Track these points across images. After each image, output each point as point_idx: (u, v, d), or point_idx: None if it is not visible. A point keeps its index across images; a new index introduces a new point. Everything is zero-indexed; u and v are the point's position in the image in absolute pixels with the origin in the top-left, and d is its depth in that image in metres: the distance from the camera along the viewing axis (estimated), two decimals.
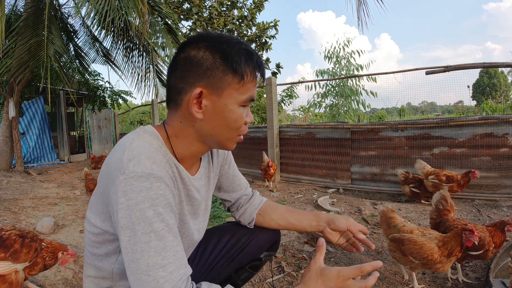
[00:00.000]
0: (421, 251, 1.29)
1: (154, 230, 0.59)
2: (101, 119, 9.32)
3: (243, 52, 0.68)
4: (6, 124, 4.95)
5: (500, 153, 2.80)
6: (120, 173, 0.60)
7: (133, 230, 0.58)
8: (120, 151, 0.64)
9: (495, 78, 31.57)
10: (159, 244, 0.59)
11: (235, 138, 0.75)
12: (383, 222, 1.58)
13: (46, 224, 2.25)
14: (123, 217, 0.58)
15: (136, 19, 4.19)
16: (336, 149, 3.76)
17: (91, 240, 0.72)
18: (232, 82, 0.67)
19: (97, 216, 0.69)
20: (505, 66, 3.26)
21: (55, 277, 1.62)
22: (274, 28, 7.47)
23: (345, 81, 8.25)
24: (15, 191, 3.57)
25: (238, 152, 5.00)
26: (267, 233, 1.04)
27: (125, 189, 0.58)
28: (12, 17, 5.09)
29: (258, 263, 1.06)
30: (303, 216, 0.99)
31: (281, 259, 1.85)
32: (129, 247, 0.58)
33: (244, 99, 0.70)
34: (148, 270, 0.57)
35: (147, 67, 5.27)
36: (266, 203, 1.04)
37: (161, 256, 0.59)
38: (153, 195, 0.59)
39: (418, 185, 2.86)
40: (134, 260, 0.58)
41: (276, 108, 4.25)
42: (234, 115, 0.70)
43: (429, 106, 17.62)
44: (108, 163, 0.66)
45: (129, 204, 0.58)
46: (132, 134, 0.69)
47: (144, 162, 0.61)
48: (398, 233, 1.44)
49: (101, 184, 0.68)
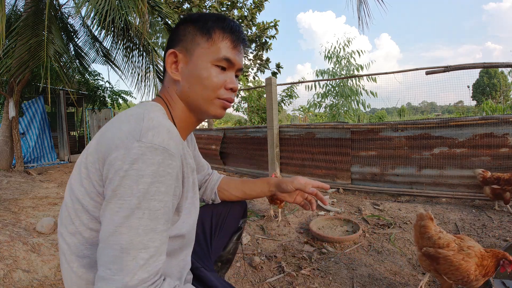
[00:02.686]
0: (457, 272, 1.18)
1: (150, 208, 0.55)
2: (101, 119, 9.31)
3: (213, 16, 0.75)
4: (6, 124, 4.95)
5: (500, 153, 2.80)
6: (135, 140, 0.56)
7: (128, 202, 0.54)
8: (137, 119, 0.61)
9: (495, 78, 31.57)
10: (150, 224, 0.55)
11: (214, 100, 0.74)
12: (416, 228, 1.37)
13: (46, 224, 2.24)
14: (121, 185, 0.54)
15: (136, 19, 4.19)
16: (336, 149, 3.76)
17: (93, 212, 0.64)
18: (201, 41, 0.73)
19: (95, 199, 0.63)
20: (505, 66, 3.26)
21: (55, 277, 1.62)
22: (274, 28, 7.48)
23: (345, 81, 8.24)
24: (15, 191, 3.57)
25: (238, 152, 5.00)
26: (236, 203, 1.12)
27: (135, 157, 0.55)
28: (12, 17, 5.08)
29: (240, 232, 1.17)
30: (256, 185, 1.06)
31: (281, 259, 1.85)
32: (116, 219, 0.53)
33: (216, 58, 0.72)
34: (129, 248, 0.53)
35: (147, 67, 5.26)
36: (223, 179, 1.10)
37: (148, 237, 0.55)
38: (162, 172, 0.57)
39: (503, 184, 2.43)
40: (116, 233, 0.53)
41: (276, 108, 4.24)
42: (206, 73, 0.72)
43: (429, 106, 17.63)
44: (118, 130, 0.61)
45: (133, 174, 0.55)
46: (142, 107, 0.68)
47: (163, 135, 0.59)
48: (432, 245, 1.26)
49: (95, 157, 0.61)
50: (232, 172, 5.07)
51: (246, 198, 1.09)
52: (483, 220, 2.36)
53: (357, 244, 2.03)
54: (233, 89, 0.76)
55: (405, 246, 1.97)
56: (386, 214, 2.60)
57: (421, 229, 1.32)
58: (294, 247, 2.01)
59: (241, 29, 0.77)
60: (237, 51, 0.75)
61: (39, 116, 7.02)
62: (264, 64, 8.23)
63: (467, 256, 1.19)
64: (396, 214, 2.56)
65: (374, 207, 2.80)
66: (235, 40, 0.74)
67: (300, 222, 2.49)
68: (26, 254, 1.75)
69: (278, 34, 7.60)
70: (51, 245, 1.93)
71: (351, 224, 2.34)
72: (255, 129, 4.76)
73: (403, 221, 2.40)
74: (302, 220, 2.55)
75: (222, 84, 0.74)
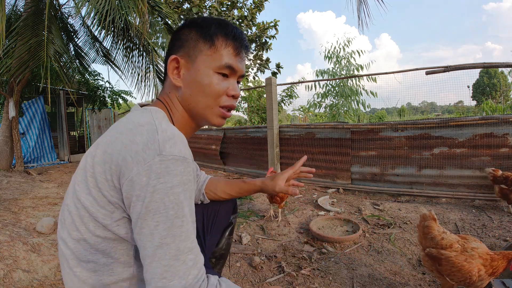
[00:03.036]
0: (459, 274, 1.18)
1: (185, 214, 0.59)
2: (101, 119, 9.31)
3: (216, 22, 0.74)
4: (6, 124, 4.95)
5: (500, 153, 2.80)
6: (155, 154, 0.57)
7: (164, 215, 0.56)
8: (150, 130, 0.61)
9: (495, 78, 31.58)
10: (189, 229, 0.59)
11: (215, 108, 0.74)
12: (420, 228, 1.37)
13: (46, 224, 2.24)
14: (154, 200, 0.56)
15: (136, 19, 4.19)
16: (336, 149, 3.76)
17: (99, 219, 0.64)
18: (204, 48, 0.72)
19: (105, 208, 0.63)
20: (505, 66, 3.26)
21: (55, 277, 1.62)
22: (274, 28, 7.48)
23: (345, 81, 8.24)
24: (15, 191, 3.56)
25: (238, 152, 5.00)
26: (226, 200, 1.14)
27: (159, 171, 0.56)
28: (12, 17, 5.08)
29: (232, 227, 1.18)
30: (242, 189, 1.11)
31: (281, 259, 1.85)
32: (158, 232, 0.56)
33: (218, 65, 0.72)
34: (178, 255, 0.57)
35: (147, 67, 5.26)
36: (210, 179, 1.13)
37: (190, 239, 0.59)
38: (185, 180, 0.60)
39: (511, 184, 2.42)
40: (163, 245, 0.56)
41: (276, 108, 4.24)
42: (208, 79, 0.72)
43: (429, 106, 17.64)
44: (130, 142, 0.60)
45: (163, 187, 0.56)
46: (147, 114, 0.67)
47: (179, 145, 0.61)
48: (435, 246, 1.26)
49: (106, 167, 0.61)
50: (232, 172, 5.07)
51: (233, 198, 1.13)
52: (483, 220, 2.36)
53: (357, 244, 2.03)
54: (235, 96, 0.76)
55: (405, 246, 1.97)
56: (386, 214, 2.60)
57: (425, 230, 1.32)
58: (294, 247, 2.01)
59: (244, 35, 0.77)
60: (240, 58, 0.75)
61: (39, 116, 7.02)
62: (264, 64, 8.23)
63: (470, 258, 1.18)
64: (396, 214, 2.56)
65: (374, 207, 2.80)
66: (238, 47, 0.74)
67: (300, 222, 2.49)
68: (26, 254, 1.75)
69: (278, 34, 7.62)
70: (51, 245, 1.93)
71: (351, 224, 2.34)
72: (255, 129, 4.76)
73: (403, 221, 2.40)
74: (302, 220, 2.55)
75: (224, 92, 0.74)
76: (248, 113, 8.31)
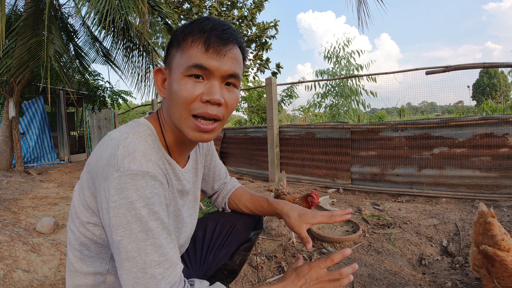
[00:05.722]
0: (509, 280, 1.13)
1: (150, 228, 0.58)
2: (101, 119, 9.32)
3: (187, 24, 0.68)
4: (6, 124, 4.95)
5: (500, 153, 2.80)
6: (114, 170, 0.58)
7: (127, 229, 0.57)
8: (113, 145, 0.61)
9: (495, 78, 31.57)
10: (156, 242, 0.59)
11: (188, 119, 0.65)
12: (478, 225, 1.32)
13: (46, 224, 2.25)
14: (116, 215, 0.57)
15: (136, 19, 4.19)
16: (336, 149, 3.76)
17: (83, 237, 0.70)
18: (176, 53, 0.67)
19: (86, 210, 0.68)
20: (505, 66, 3.26)
21: (55, 277, 1.62)
22: (274, 28, 7.49)
23: (345, 81, 8.24)
24: (15, 191, 3.56)
25: (238, 152, 5.00)
26: (249, 214, 1.08)
27: (119, 187, 0.57)
28: (12, 17, 5.09)
29: (249, 244, 1.10)
30: (264, 210, 1.02)
31: (281, 259, 1.85)
32: (123, 246, 0.57)
33: (186, 66, 0.63)
34: (145, 268, 0.57)
35: (147, 67, 5.27)
36: (238, 189, 1.08)
37: (158, 253, 0.59)
38: (148, 194, 0.59)
39: None
40: (129, 258, 0.57)
41: (276, 108, 4.24)
42: (176, 85, 0.64)
43: (429, 106, 17.64)
44: (99, 156, 0.63)
45: (123, 202, 0.57)
46: (126, 127, 0.67)
47: (139, 160, 0.60)
48: (493, 245, 1.21)
49: (88, 177, 0.66)
50: (232, 172, 5.07)
51: (254, 214, 1.07)
52: None
53: (357, 244, 2.03)
54: (211, 101, 0.63)
55: (405, 246, 1.97)
56: (386, 214, 2.60)
57: (486, 226, 1.27)
58: (294, 247, 2.01)
59: (221, 26, 0.65)
60: (213, 53, 0.63)
61: (39, 116, 7.03)
62: (264, 64, 8.24)
63: None
64: (396, 214, 2.56)
65: (374, 207, 2.80)
66: (207, 41, 0.63)
67: None
68: (26, 254, 1.75)
69: (278, 34, 7.62)
70: (51, 245, 1.93)
71: (351, 224, 2.34)
72: (255, 129, 4.76)
73: (403, 221, 2.40)
74: None
75: (195, 97, 0.63)
76: (248, 113, 8.32)
